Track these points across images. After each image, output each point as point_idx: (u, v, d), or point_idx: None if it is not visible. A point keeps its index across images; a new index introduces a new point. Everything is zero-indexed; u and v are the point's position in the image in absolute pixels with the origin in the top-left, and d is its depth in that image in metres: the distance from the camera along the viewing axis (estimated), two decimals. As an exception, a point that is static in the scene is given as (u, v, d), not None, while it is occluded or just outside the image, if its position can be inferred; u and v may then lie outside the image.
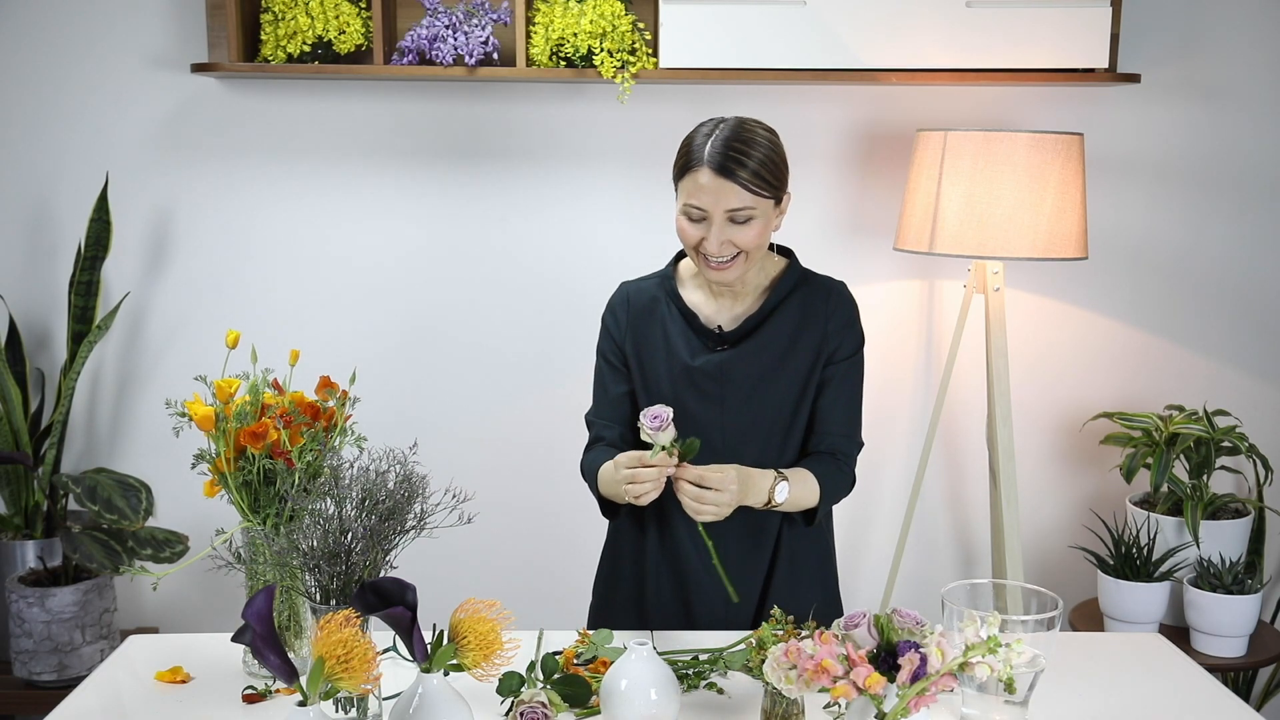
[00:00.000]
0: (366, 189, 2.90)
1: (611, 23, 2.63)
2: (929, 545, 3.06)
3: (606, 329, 1.96)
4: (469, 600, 1.40)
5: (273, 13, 2.69)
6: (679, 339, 1.88)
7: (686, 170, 1.77)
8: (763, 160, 1.75)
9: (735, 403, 1.86)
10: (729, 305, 1.90)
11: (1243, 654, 2.63)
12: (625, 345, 1.92)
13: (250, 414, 1.65)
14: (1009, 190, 2.47)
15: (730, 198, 1.73)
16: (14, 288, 2.91)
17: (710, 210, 1.75)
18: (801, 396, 1.88)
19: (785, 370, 1.86)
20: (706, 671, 1.67)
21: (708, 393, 1.86)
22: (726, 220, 1.75)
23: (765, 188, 1.75)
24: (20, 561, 2.73)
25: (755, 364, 1.86)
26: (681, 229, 1.80)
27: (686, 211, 1.78)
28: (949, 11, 2.64)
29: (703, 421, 1.85)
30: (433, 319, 2.95)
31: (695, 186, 1.75)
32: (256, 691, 1.62)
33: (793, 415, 1.88)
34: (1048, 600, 1.48)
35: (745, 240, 1.76)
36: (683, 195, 1.78)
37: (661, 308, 1.91)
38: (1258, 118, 2.89)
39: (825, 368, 1.88)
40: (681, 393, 1.86)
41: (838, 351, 1.89)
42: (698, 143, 1.77)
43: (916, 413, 3.00)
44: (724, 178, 1.73)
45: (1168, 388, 2.98)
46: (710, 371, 1.85)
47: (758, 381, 1.86)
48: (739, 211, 1.74)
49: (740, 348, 1.86)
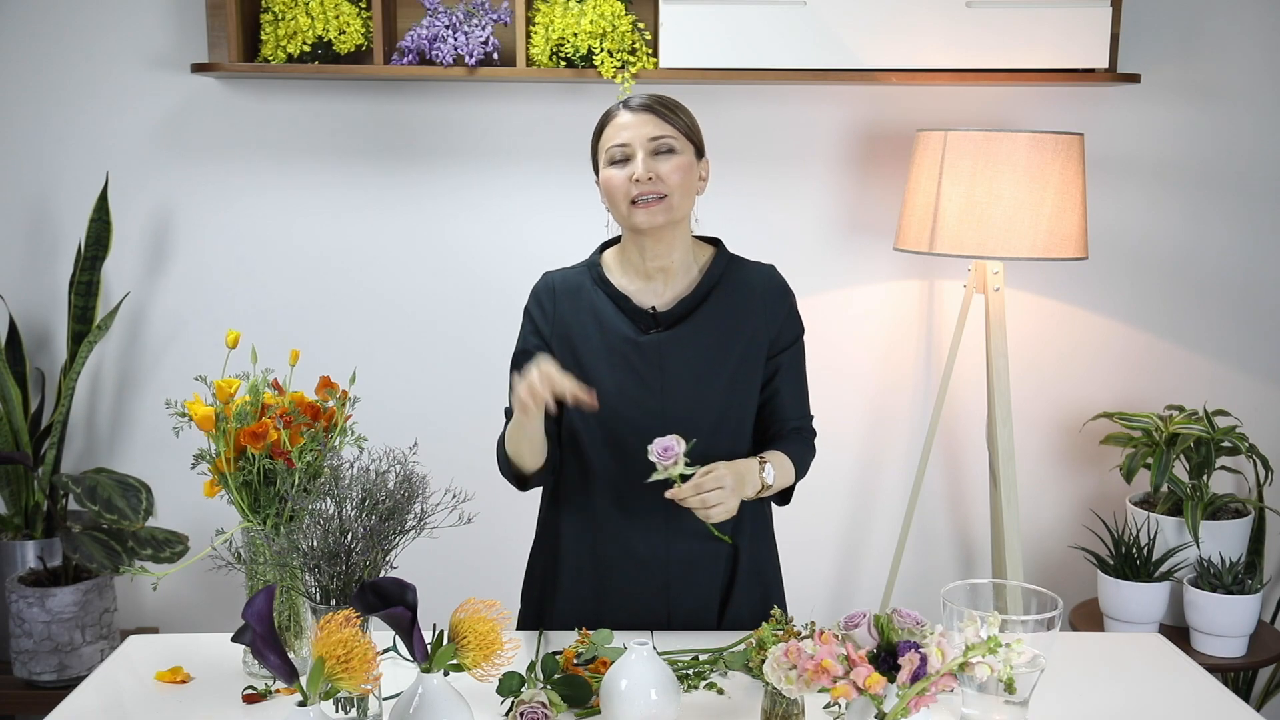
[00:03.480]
0: (367, 189, 2.90)
1: (611, 23, 2.63)
2: (929, 545, 3.06)
3: (531, 319, 1.92)
4: (469, 600, 1.40)
5: (273, 13, 2.69)
6: (613, 320, 1.87)
7: (604, 125, 1.84)
8: (677, 105, 1.84)
9: (676, 388, 1.84)
10: (660, 289, 1.88)
11: (1243, 654, 2.63)
12: (551, 337, 1.89)
13: (250, 414, 1.65)
14: (1009, 190, 2.47)
15: (650, 127, 1.80)
16: (14, 288, 2.91)
17: (632, 141, 1.80)
18: (745, 384, 1.87)
19: (726, 356, 1.86)
20: (706, 671, 1.67)
21: (646, 378, 1.84)
22: (651, 153, 1.79)
23: (681, 125, 1.82)
24: (20, 561, 2.73)
25: (694, 348, 1.85)
26: (608, 179, 1.82)
27: (609, 156, 1.82)
28: (949, 11, 2.64)
29: (642, 406, 1.84)
30: (433, 319, 2.95)
31: (614, 129, 1.82)
32: (256, 691, 1.62)
33: (733, 401, 1.87)
34: (1048, 600, 1.48)
35: (669, 172, 1.79)
36: (603, 150, 1.83)
37: (589, 293, 1.89)
38: (1258, 118, 2.89)
39: (770, 358, 1.89)
40: (621, 376, 1.84)
41: (779, 340, 1.90)
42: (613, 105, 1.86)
43: (916, 413, 3.00)
44: (643, 112, 1.81)
45: (1168, 388, 2.98)
46: (649, 355, 1.84)
47: (698, 367, 1.85)
48: (660, 140, 1.80)
49: (676, 331, 1.85)
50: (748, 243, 2.93)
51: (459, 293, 2.94)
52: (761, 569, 1.96)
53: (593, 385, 1.81)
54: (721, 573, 1.91)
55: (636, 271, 1.89)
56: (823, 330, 2.95)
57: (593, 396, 1.73)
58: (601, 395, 1.81)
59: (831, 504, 3.04)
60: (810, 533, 3.02)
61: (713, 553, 1.89)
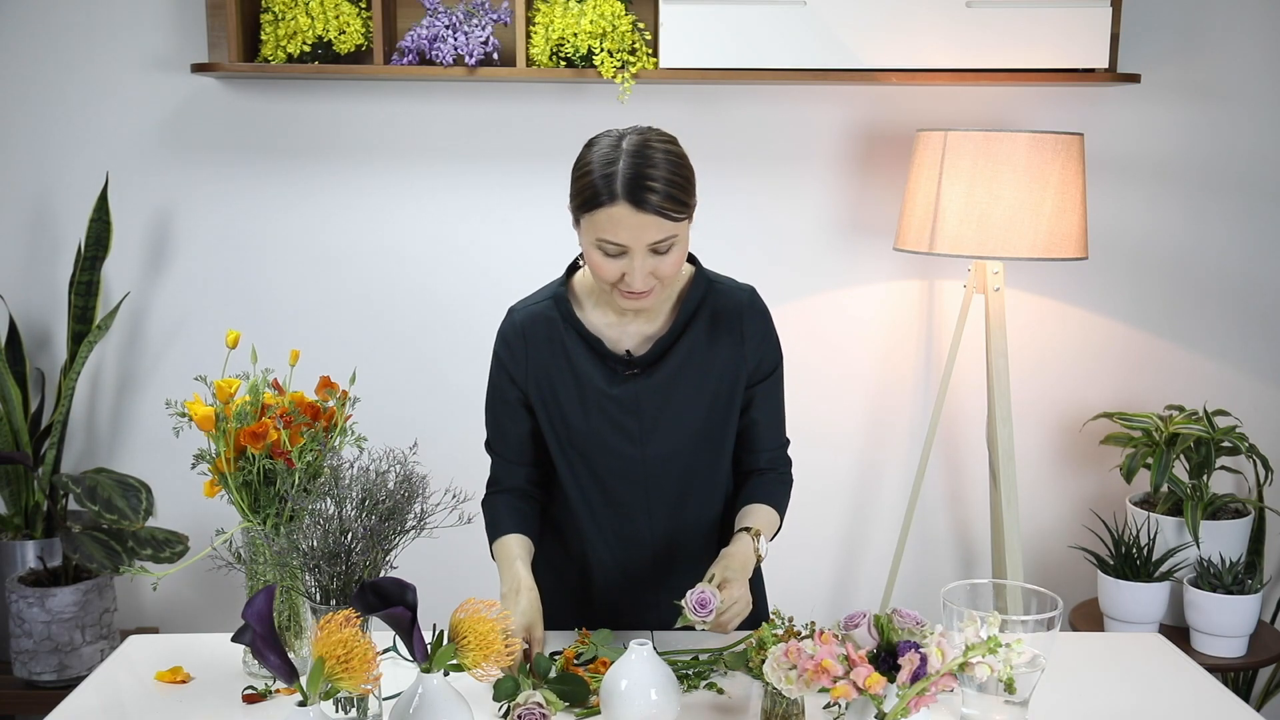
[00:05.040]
0: (366, 189, 2.90)
1: (611, 23, 2.63)
2: (929, 545, 3.06)
3: (500, 363, 1.82)
4: (469, 600, 1.40)
5: (273, 13, 2.69)
6: (586, 366, 1.78)
7: (596, 206, 1.61)
8: (675, 182, 1.62)
9: (654, 434, 1.79)
10: (635, 327, 1.78)
11: (1243, 654, 2.63)
12: (526, 382, 1.80)
13: (250, 414, 1.65)
14: (1009, 190, 2.47)
15: (651, 230, 1.61)
16: (14, 288, 2.91)
17: (630, 245, 1.62)
18: (722, 417, 1.81)
19: (703, 393, 1.79)
20: (706, 671, 1.67)
21: (624, 426, 1.78)
22: (648, 252, 1.63)
23: (682, 210, 1.63)
24: (20, 561, 2.73)
25: (671, 391, 1.78)
26: (597, 265, 1.65)
27: (601, 247, 1.64)
28: (949, 11, 2.64)
29: (623, 456, 1.80)
30: (433, 319, 2.95)
31: (610, 222, 1.61)
32: (256, 691, 1.62)
33: (712, 436, 1.82)
34: (1048, 600, 1.48)
35: (668, 268, 1.65)
36: (593, 230, 1.63)
37: (560, 333, 1.78)
38: (1258, 118, 2.89)
39: (748, 388, 1.82)
40: (596, 423, 1.78)
41: (758, 370, 1.82)
42: (602, 173, 1.61)
43: (916, 413, 3.00)
44: (642, 211, 1.59)
45: (1168, 388, 2.98)
46: (625, 403, 1.77)
47: (676, 409, 1.78)
48: (661, 242, 1.62)
49: (653, 375, 1.77)
50: (747, 243, 2.95)
51: (459, 293, 2.93)
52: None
53: (570, 430, 1.80)
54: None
55: (609, 305, 1.78)
56: (822, 330, 2.96)
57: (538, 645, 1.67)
58: (579, 440, 1.80)
59: (831, 504, 3.04)
60: (810, 533, 3.02)
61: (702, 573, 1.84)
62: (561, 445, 1.82)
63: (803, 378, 2.85)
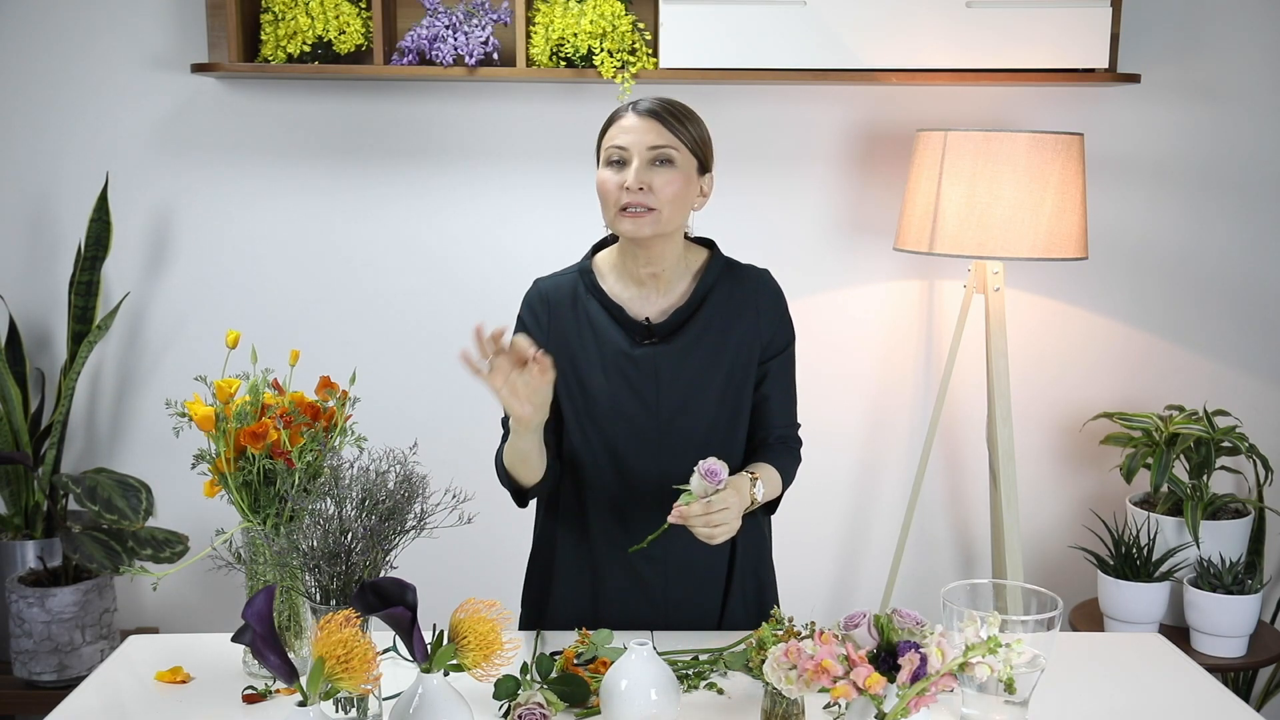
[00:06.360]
0: (367, 189, 2.90)
1: (611, 23, 2.63)
2: (929, 545, 3.06)
3: (523, 326, 1.88)
4: (469, 600, 1.40)
5: (273, 13, 2.69)
6: (608, 329, 1.84)
7: (610, 123, 1.80)
8: (679, 106, 1.79)
9: (670, 400, 1.84)
10: (654, 298, 1.85)
11: (1243, 654, 2.63)
12: (547, 346, 1.82)
13: (250, 414, 1.65)
14: (1009, 190, 2.47)
15: (651, 135, 1.75)
16: (14, 288, 2.91)
17: (631, 147, 1.75)
18: (737, 390, 1.86)
19: (720, 364, 1.85)
20: (706, 671, 1.67)
21: (641, 390, 1.83)
22: (648, 162, 1.75)
23: (680, 126, 1.77)
24: (20, 561, 2.73)
25: (688, 359, 1.83)
26: (602, 181, 1.78)
27: (608, 155, 1.78)
28: (949, 11, 2.64)
29: (638, 420, 1.84)
30: (433, 319, 2.95)
31: (617, 130, 1.78)
32: (256, 691, 1.62)
33: (726, 409, 1.86)
34: (1048, 600, 1.48)
35: (662, 185, 1.74)
36: (604, 146, 1.79)
37: (582, 301, 1.86)
38: (1258, 118, 2.89)
39: (761, 363, 1.88)
40: (616, 387, 1.83)
41: (771, 345, 1.88)
42: (623, 104, 1.82)
43: (916, 413, 3.00)
44: (648, 118, 1.76)
45: (1168, 388, 2.98)
46: (643, 367, 1.83)
47: (692, 378, 1.84)
48: (659, 150, 1.75)
49: (670, 344, 1.83)
50: (747, 243, 2.93)
51: (459, 292, 2.93)
52: (757, 568, 1.96)
53: (587, 396, 1.83)
54: (718, 576, 1.91)
55: (630, 277, 1.85)
56: (823, 330, 2.96)
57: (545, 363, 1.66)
58: (596, 406, 1.83)
59: (831, 504, 3.04)
60: (810, 533, 3.02)
61: (708, 558, 1.88)
62: (577, 414, 1.85)
63: (803, 378, 2.82)
